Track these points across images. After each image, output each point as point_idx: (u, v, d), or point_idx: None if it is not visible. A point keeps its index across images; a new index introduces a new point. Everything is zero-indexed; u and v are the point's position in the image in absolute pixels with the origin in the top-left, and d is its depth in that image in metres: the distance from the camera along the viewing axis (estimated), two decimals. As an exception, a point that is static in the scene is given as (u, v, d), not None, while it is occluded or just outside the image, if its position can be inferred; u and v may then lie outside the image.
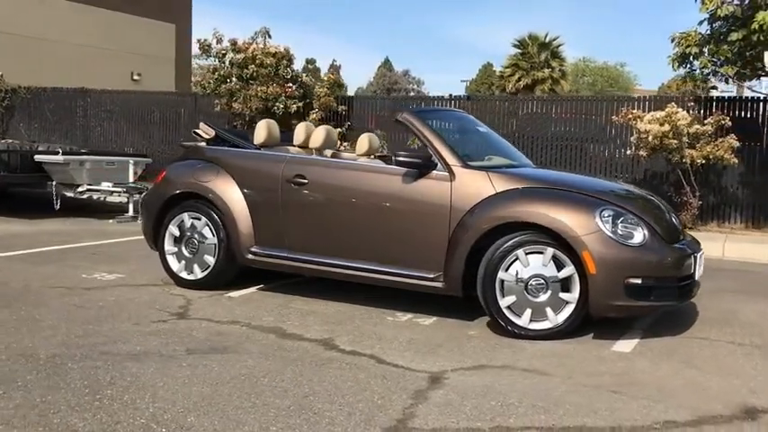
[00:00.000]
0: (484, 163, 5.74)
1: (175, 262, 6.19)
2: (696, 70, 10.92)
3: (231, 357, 4.28)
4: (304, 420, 3.36)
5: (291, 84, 13.63)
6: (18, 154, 10.80)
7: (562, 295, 4.89)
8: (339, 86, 14.43)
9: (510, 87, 44.36)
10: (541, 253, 4.91)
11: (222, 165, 6.10)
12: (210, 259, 6.03)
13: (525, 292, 4.92)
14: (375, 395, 3.73)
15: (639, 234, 4.91)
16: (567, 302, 4.89)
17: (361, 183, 5.56)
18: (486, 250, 5.03)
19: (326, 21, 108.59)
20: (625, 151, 12.44)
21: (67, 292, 5.83)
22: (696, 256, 5.20)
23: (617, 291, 4.78)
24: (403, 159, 5.29)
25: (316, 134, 6.24)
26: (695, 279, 5.23)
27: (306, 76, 14.37)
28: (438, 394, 3.79)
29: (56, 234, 9.14)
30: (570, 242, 4.79)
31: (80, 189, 10.89)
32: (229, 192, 5.95)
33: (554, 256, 4.89)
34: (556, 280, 4.89)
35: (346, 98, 14.92)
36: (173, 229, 6.18)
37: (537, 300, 4.91)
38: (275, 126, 6.49)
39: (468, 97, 15.41)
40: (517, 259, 4.93)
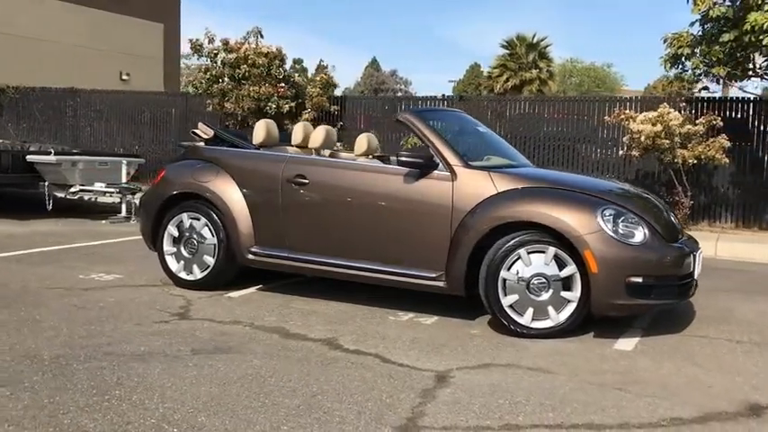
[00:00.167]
0: (485, 163, 5.77)
1: (174, 262, 6.18)
2: (688, 71, 10.99)
3: (236, 357, 4.28)
4: (315, 420, 3.37)
5: (284, 84, 13.60)
6: (9, 154, 10.71)
7: (564, 294, 4.92)
8: (332, 86, 14.41)
9: (498, 88, 44.50)
10: (543, 252, 4.93)
11: (222, 165, 6.09)
12: (210, 259, 6.02)
13: (527, 291, 4.94)
14: (383, 394, 3.74)
15: (640, 233, 4.94)
16: (569, 301, 4.92)
17: (362, 183, 5.57)
18: (487, 250, 5.05)
19: (313, 21, 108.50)
20: (617, 151, 12.53)
21: (66, 293, 5.81)
22: (695, 255, 5.25)
23: (618, 289, 4.82)
24: (405, 159, 5.30)
25: (315, 134, 6.24)
26: (694, 278, 5.27)
27: (298, 76, 14.35)
28: (445, 393, 3.81)
29: (49, 235, 9.09)
30: (572, 241, 4.82)
31: (73, 189, 10.83)
32: (229, 192, 5.95)
33: (556, 256, 4.91)
34: (557, 279, 4.92)
35: (339, 98, 14.92)
36: (171, 230, 6.16)
37: (539, 299, 4.94)
38: (274, 126, 6.49)
39: (460, 97, 15.46)
40: (519, 258, 4.96)
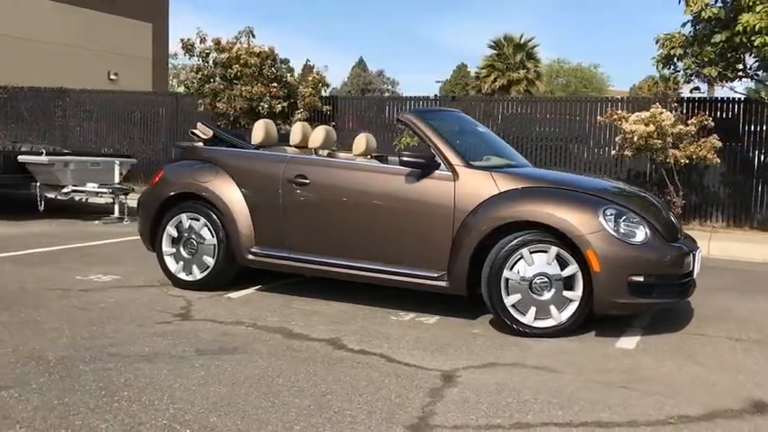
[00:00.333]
0: (487, 163, 5.79)
1: (173, 263, 6.16)
2: (680, 71, 11.07)
3: (242, 358, 4.27)
4: (326, 419, 3.37)
5: (276, 84, 13.57)
6: (1, 155, 10.64)
7: (566, 293, 4.95)
8: (324, 86, 14.40)
9: (486, 88, 44.62)
10: (545, 252, 4.96)
11: (221, 165, 6.08)
12: (210, 260, 6.01)
13: (530, 291, 4.97)
14: (392, 393, 3.75)
15: (641, 233, 4.98)
16: (571, 300, 4.95)
17: (363, 183, 5.57)
18: (489, 249, 5.08)
19: (300, 21, 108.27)
20: (609, 151, 12.61)
21: (65, 294, 5.78)
22: (694, 255, 5.29)
23: (620, 288, 4.85)
24: (407, 159, 5.31)
25: (315, 134, 6.23)
26: (693, 277, 5.32)
27: (291, 76, 14.34)
28: (453, 392, 3.82)
29: (43, 235, 9.03)
30: (575, 241, 4.85)
31: (65, 190, 10.76)
32: (229, 192, 5.93)
33: (557, 255, 4.94)
34: (559, 278, 4.95)
35: (331, 98, 14.92)
36: (170, 230, 6.14)
37: (541, 298, 4.96)
38: (273, 126, 6.48)
39: (453, 98, 15.50)
40: (521, 258, 4.98)
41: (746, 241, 10.25)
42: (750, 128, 12.09)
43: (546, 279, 4.95)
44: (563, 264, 4.94)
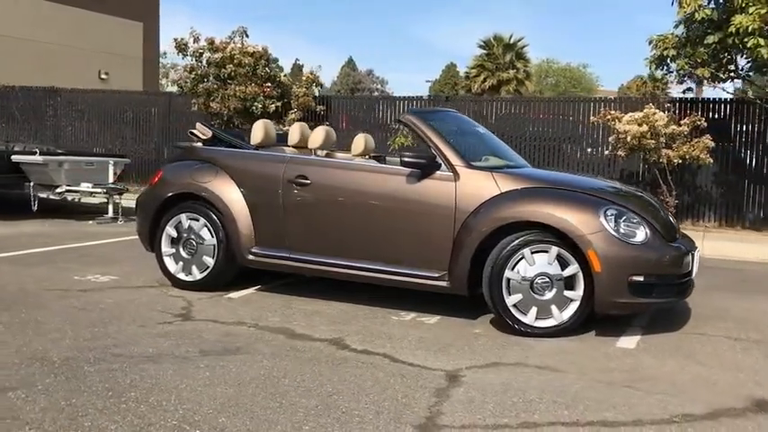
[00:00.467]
0: (487, 163, 5.81)
1: (173, 263, 6.15)
2: (673, 72, 11.14)
3: (246, 358, 4.28)
4: (334, 420, 3.39)
5: (269, 83, 13.55)
6: (-6, 154, 10.59)
7: (566, 293, 4.98)
8: (318, 86, 14.39)
9: (476, 88, 44.76)
10: (546, 252, 4.99)
11: (221, 165, 6.07)
12: (209, 260, 6.00)
13: (531, 291, 4.99)
14: (398, 393, 3.77)
15: (641, 233, 5.01)
16: (572, 300, 4.98)
17: (364, 183, 5.58)
18: (490, 249, 5.10)
19: (289, 21, 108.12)
20: (602, 151, 12.68)
21: (64, 295, 5.76)
22: (693, 254, 5.33)
23: (621, 288, 4.88)
24: (408, 160, 5.32)
25: (315, 134, 6.24)
26: (692, 277, 5.36)
27: (284, 76, 14.31)
28: (459, 392, 3.84)
29: (37, 236, 9.00)
30: (576, 241, 4.87)
31: (59, 190, 10.71)
32: (229, 192, 5.93)
33: (558, 255, 4.97)
34: (560, 278, 4.97)
35: (325, 98, 14.91)
36: (170, 231, 6.13)
37: (542, 298, 4.99)
38: (272, 126, 6.49)
39: (446, 98, 15.53)
40: (523, 258, 5.00)
41: (739, 241, 10.33)
42: (741, 128, 12.18)
43: (547, 279, 4.98)
44: (564, 264, 4.97)
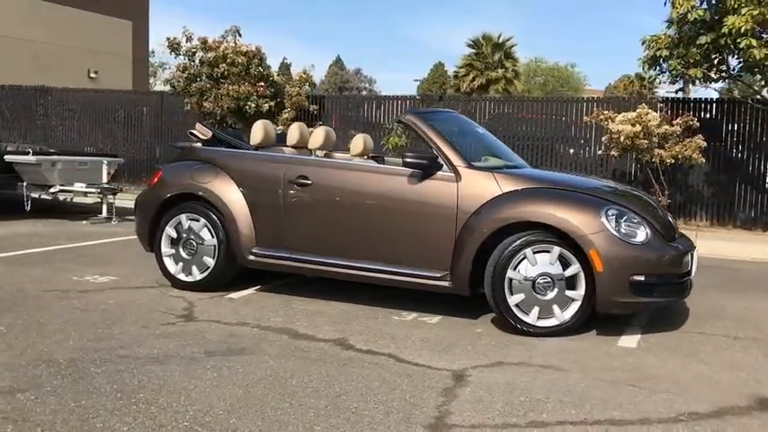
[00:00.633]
0: (488, 164, 5.84)
1: (172, 264, 6.14)
2: (665, 72, 11.22)
3: (252, 359, 4.28)
4: (345, 420, 3.40)
5: (263, 83, 13.53)
6: (-14, 154, 10.52)
7: (568, 293, 5.01)
8: (311, 85, 14.38)
9: (464, 87, 44.76)
10: (548, 252, 5.02)
11: (221, 165, 6.07)
12: (210, 261, 6.00)
13: (533, 291, 5.02)
14: (406, 393, 3.79)
15: (642, 233, 5.05)
16: (573, 300, 5.01)
17: (365, 184, 5.59)
18: (491, 250, 5.12)
19: (276, 20, 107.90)
20: (594, 151, 12.75)
21: (64, 296, 5.74)
22: (692, 254, 5.38)
23: (622, 288, 4.92)
24: (410, 160, 5.34)
25: (315, 135, 6.24)
26: (691, 276, 5.41)
27: (278, 75, 14.29)
28: (466, 392, 3.86)
29: (32, 236, 8.95)
30: (578, 241, 4.91)
31: (52, 190, 10.66)
32: (229, 193, 5.93)
33: (560, 255, 5.00)
34: (562, 278, 5.01)
35: (318, 97, 14.90)
36: (170, 231, 6.12)
37: (544, 298, 5.02)
38: (271, 126, 6.49)
39: (440, 98, 15.55)
40: (525, 258, 5.03)
41: (731, 240, 10.42)
42: (732, 127, 12.27)
43: (549, 279, 5.01)
44: (565, 264, 5.00)
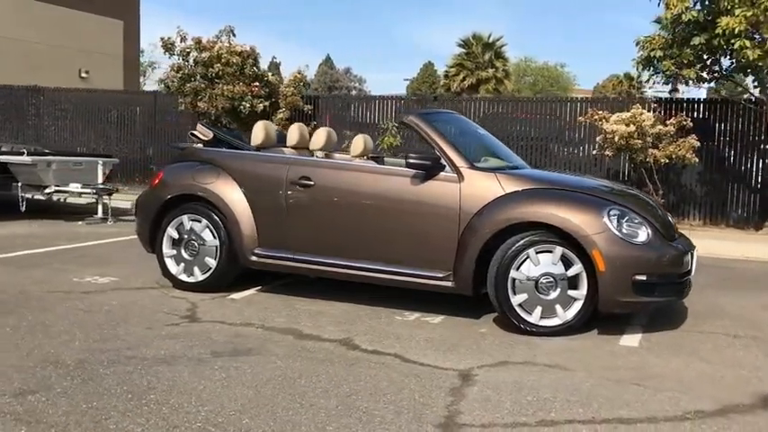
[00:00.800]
0: (490, 164, 5.87)
1: (174, 265, 6.14)
2: (659, 72, 11.29)
3: (260, 359, 4.30)
4: (356, 420, 3.43)
5: (257, 83, 13.52)
6: (-19, 155, 10.47)
7: (570, 292, 5.05)
8: (306, 85, 14.38)
9: (455, 87, 44.84)
10: (551, 252, 5.06)
11: (222, 166, 6.07)
12: (212, 261, 6.00)
13: (536, 290, 5.06)
14: (415, 393, 3.82)
15: (644, 233, 5.10)
16: (576, 299, 5.06)
17: (367, 184, 5.61)
18: (494, 250, 5.16)
19: (265, 19, 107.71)
20: (588, 150, 12.81)
21: (67, 297, 5.74)
22: (692, 254, 5.44)
23: (625, 287, 4.97)
24: (413, 161, 5.37)
25: (317, 136, 6.26)
26: (691, 276, 5.46)
27: (272, 75, 14.29)
28: (473, 391, 3.90)
29: (29, 237, 8.92)
30: (581, 241, 4.95)
31: (48, 190, 10.62)
32: (231, 194, 5.94)
33: (563, 255, 5.04)
34: (564, 278, 5.05)
35: (312, 97, 14.91)
36: (171, 232, 6.12)
37: (547, 297, 5.06)
38: (272, 127, 6.50)
39: (435, 98, 15.58)
40: (528, 258, 5.07)
41: (724, 239, 10.50)
42: (724, 127, 12.36)
43: (551, 279, 5.05)
44: (568, 263, 5.04)
